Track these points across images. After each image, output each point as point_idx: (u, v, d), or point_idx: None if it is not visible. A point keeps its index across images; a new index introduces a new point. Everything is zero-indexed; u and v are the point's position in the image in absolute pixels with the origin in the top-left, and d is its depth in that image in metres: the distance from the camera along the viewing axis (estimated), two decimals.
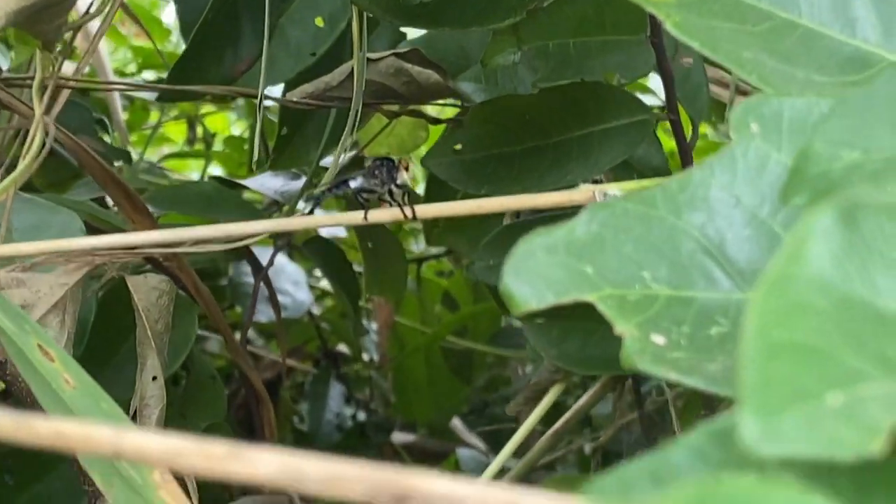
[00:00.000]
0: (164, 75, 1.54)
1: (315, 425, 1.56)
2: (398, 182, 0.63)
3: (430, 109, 1.04)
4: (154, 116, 1.70)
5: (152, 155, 1.72)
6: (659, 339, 0.39)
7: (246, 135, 1.70)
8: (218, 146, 1.73)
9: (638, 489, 0.27)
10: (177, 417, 0.88)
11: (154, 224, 0.87)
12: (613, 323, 0.39)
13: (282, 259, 1.39)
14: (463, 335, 1.62)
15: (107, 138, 1.27)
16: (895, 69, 0.36)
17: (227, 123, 1.88)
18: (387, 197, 0.63)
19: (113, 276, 0.80)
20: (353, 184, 0.64)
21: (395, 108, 0.96)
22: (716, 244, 0.42)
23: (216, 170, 1.74)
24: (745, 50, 0.45)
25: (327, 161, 1.12)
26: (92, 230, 0.91)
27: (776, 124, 0.43)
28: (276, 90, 1.02)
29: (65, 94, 0.85)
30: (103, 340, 0.85)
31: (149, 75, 1.72)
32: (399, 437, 1.79)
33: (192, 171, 1.86)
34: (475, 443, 1.76)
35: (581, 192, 0.55)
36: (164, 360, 0.73)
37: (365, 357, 1.67)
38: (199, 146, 1.75)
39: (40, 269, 0.71)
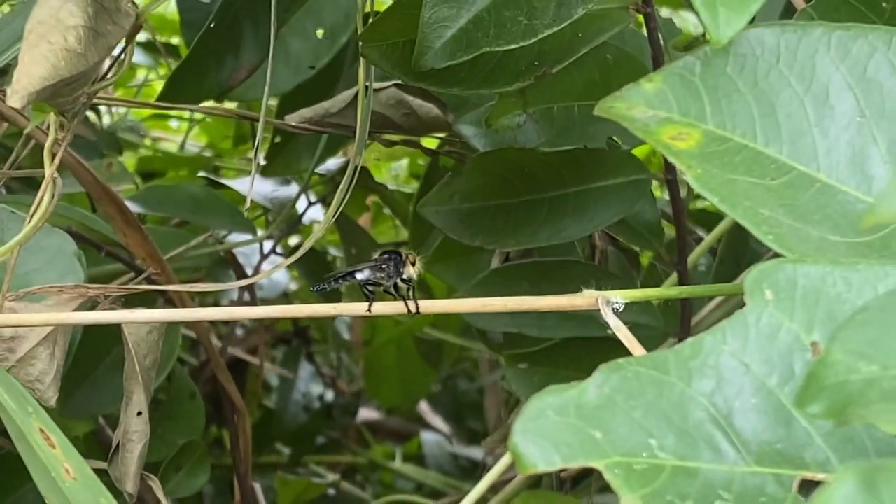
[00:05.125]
0: (161, 39, 1.54)
1: (283, 404, 1.57)
2: (404, 276, 0.63)
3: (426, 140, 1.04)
4: (142, 72, 1.69)
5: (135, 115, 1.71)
6: None
7: (230, 105, 1.69)
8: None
9: None
10: (153, 435, 0.88)
11: (144, 237, 0.87)
12: (619, 494, 0.40)
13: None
14: (434, 325, 1.63)
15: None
16: None
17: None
18: (392, 290, 0.63)
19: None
20: (359, 276, 0.65)
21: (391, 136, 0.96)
22: (723, 413, 0.42)
23: (195, 145, 1.72)
24: (762, 207, 0.46)
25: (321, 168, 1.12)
26: (81, 239, 0.91)
27: (790, 292, 0.43)
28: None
29: None
30: (86, 353, 0.86)
31: (141, 36, 1.70)
32: (364, 414, 1.80)
33: (174, 133, 1.85)
34: (440, 426, 1.78)
35: (584, 298, 0.56)
36: (149, 395, 0.74)
37: (336, 338, 1.67)
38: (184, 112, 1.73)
39: (32, 298, 0.71)
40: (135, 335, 0.74)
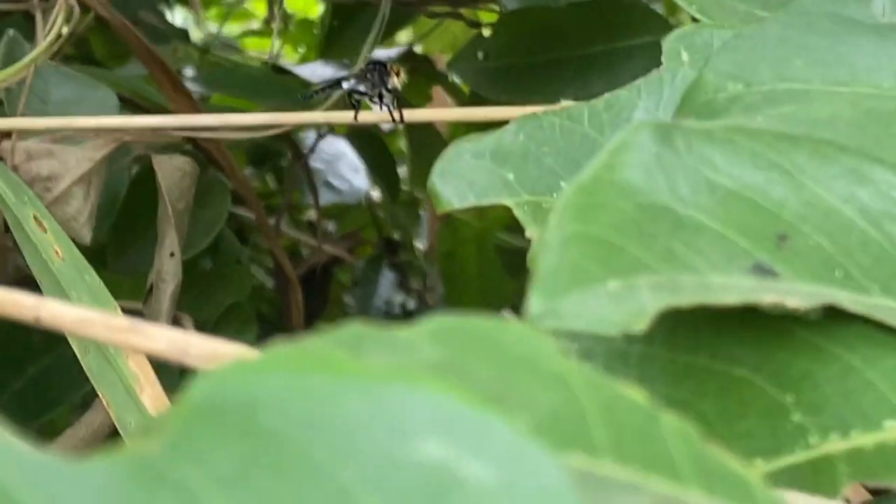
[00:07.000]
0: None
1: (363, 311, 1.59)
2: (389, 86, 0.66)
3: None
4: None
5: (232, 29, 1.75)
6: None
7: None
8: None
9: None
10: (201, 296, 0.92)
11: (193, 105, 0.91)
12: (525, 227, 0.42)
13: (341, 145, 1.41)
14: (517, 232, 1.64)
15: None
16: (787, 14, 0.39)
17: (307, 3, 1.88)
18: (376, 99, 0.66)
19: (145, 155, 0.84)
20: (345, 85, 0.68)
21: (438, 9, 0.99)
22: None
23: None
24: None
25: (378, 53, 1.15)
26: (135, 106, 0.95)
27: (705, 53, 0.45)
28: None
29: None
30: (134, 217, 0.90)
31: None
32: None
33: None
34: None
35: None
36: (182, 237, 0.78)
37: (418, 247, 1.69)
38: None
39: (70, 141, 0.76)
40: (167, 179, 0.78)
